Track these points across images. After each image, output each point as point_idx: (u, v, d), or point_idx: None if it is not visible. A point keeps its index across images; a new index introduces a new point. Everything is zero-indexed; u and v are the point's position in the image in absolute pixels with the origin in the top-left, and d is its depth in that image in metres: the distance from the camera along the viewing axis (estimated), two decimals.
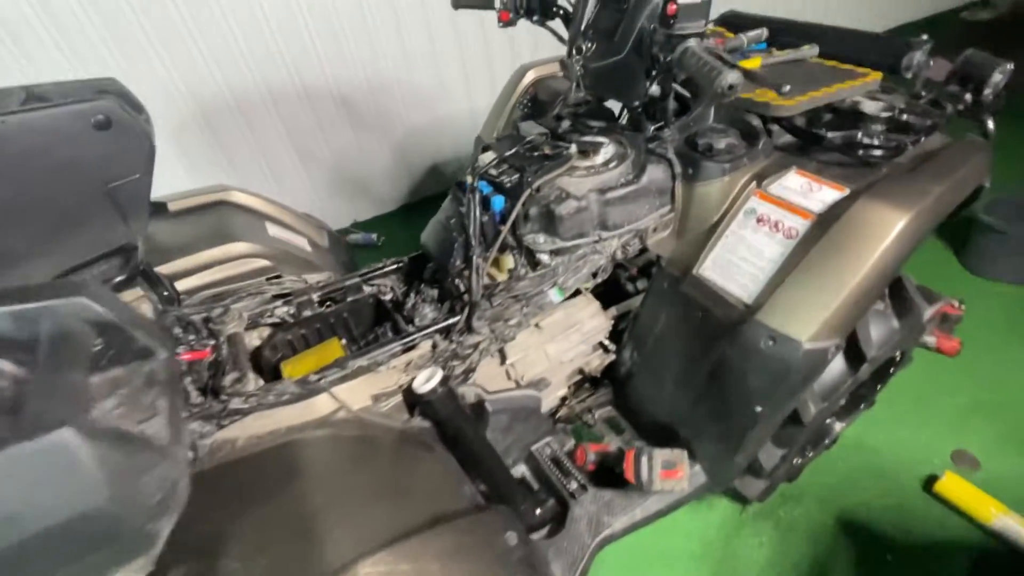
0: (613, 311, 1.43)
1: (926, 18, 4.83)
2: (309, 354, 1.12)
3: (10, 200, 0.92)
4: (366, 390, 0.97)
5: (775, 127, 1.16)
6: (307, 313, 1.18)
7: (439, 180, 3.08)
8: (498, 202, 1.08)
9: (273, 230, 1.38)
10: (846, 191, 0.98)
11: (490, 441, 1.25)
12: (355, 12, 2.42)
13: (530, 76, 1.64)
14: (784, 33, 1.40)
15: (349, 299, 1.23)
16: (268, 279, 1.20)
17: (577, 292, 1.37)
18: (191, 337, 1.07)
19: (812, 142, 1.08)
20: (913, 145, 1.05)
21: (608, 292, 1.50)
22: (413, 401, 1.03)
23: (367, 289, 1.26)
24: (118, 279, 1.08)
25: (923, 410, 1.78)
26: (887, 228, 0.89)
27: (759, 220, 1.04)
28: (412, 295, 1.22)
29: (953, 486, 1.51)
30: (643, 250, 1.23)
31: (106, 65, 2.06)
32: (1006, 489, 1.54)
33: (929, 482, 1.57)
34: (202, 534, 0.65)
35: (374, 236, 2.77)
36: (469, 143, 1.78)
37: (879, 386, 1.50)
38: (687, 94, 1.26)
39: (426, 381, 1.02)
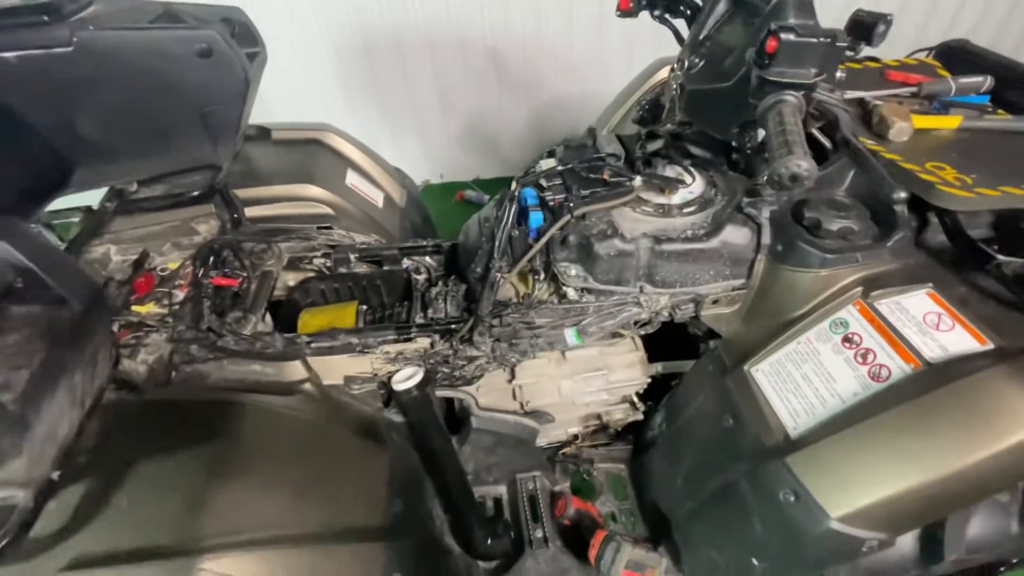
0: (658, 367, 1.24)
1: None
2: (327, 310, 1.15)
3: (120, 106, 1.04)
4: (342, 368, 0.96)
5: (934, 220, 0.84)
6: (342, 270, 1.21)
7: None
8: (536, 218, 0.96)
9: (352, 178, 1.42)
10: (989, 345, 0.68)
11: (472, 454, 1.20)
12: None
13: (664, 72, 1.42)
14: (1021, 88, 1.00)
15: (384, 267, 1.23)
16: (319, 227, 1.24)
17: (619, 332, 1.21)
18: (236, 263, 1.16)
19: (975, 259, 0.76)
20: None
21: (668, 341, 1.30)
22: (390, 394, 1.01)
23: (405, 263, 1.24)
24: (196, 193, 1.20)
25: None
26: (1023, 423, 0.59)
27: (846, 340, 0.78)
28: (439, 284, 1.18)
29: None
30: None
31: None
32: None
33: None
34: (119, 461, 0.70)
35: (486, 197, 2.76)
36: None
37: None
38: (826, 143, 0.97)
39: (406, 379, 0.99)
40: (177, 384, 0.86)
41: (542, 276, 0.99)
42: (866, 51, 0.90)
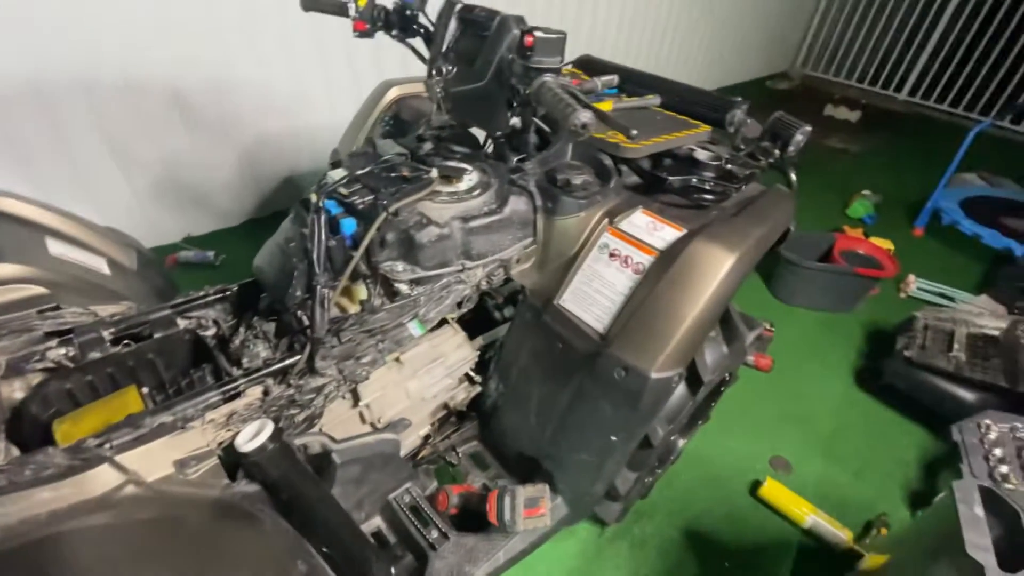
0: (480, 341, 1.38)
1: (737, 84, 5.78)
2: (95, 408, 0.88)
3: None
4: (169, 454, 0.78)
5: (624, 167, 1.23)
6: (95, 355, 0.94)
7: (293, 194, 2.81)
8: (349, 225, 0.97)
9: (56, 248, 1.10)
10: (683, 231, 1.06)
11: (341, 495, 1.11)
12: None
13: (393, 93, 1.56)
14: (632, 82, 1.52)
15: (156, 335, 1.01)
16: (40, 311, 0.93)
17: (442, 322, 1.31)
18: None
19: (655, 184, 1.16)
20: (736, 192, 1.18)
21: (475, 321, 1.46)
22: (236, 461, 0.86)
23: (182, 323, 1.05)
24: None
25: (745, 421, 2.02)
26: (719, 267, 0.97)
27: (611, 255, 1.08)
28: (241, 330, 1.05)
29: (773, 490, 1.72)
30: (508, 279, 1.20)
31: None
32: (814, 489, 1.79)
33: (754, 487, 1.77)
34: None
35: (211, 254, 2.41)
36: (328, 157, 1.64)
37: (713, 403, 1.66)
38: (547, 128, 1.28)
39: (252, 436, 0.86)
40: None
41: (372, 280, 1.01)
42: None
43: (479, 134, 1.36)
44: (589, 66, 1.66)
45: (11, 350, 0.87)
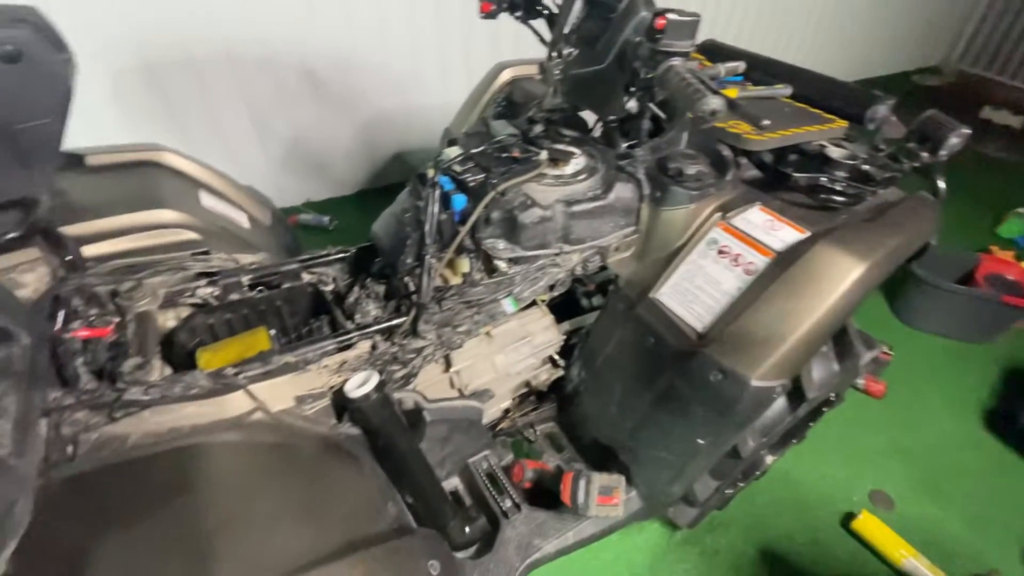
0: (566, 326, 1.39)
1: (880, 77, 5.15)
2: (231, 343, 1.01)
3: None
4: (290, 390, 0.88)
5: (743, 160, 1.16)
6: (234, 296, 1.07)
7: (402, 169, 2.97)
8: (459, 201, 1.01)
9: (207, 200, 1.26)
10: (806, 233, 0.98)
11: (425, 452, 1.19)
12: None
13: (506, 75, 1.58)
14: (760, 70, 1.41)
15: (285, 286, 1.13)
16: (193, 254, 1.08)
17: (532, 303, 1.33)
18: (92, 311, 0.94)
19: (778, 180, 1.08)
20: (872, 196, 1.07)
21: (562, 306, 1.47)
22: (343, 405, 0.95)
23: (306, 277, 1.16)
24: (11, 235, 0.93)
25: (846, 448, 1.85)
26: (844, 276, 0.89)
27: (720, 252, 1.03)
28: (356, 289, 1.14)
29: (869, 525, 1.57)
30: (603, 267, 1.19)
31: None
32: (916, 530, 1.61)
33: (847, 519, 1.63)
34: (67, 552, 0.55)
35: (326, 219, 2.63)
36: (438, 136, 1.71)
37: (811, 423, 1.54)
38: (662, 115, 1.24)
39: (360, 385, 0.94)
40: (89, 454, 0.69)
41: (475, 254, 1.05)
42: None
43: (588, 119, 1.35)
44: (713, 51, 1.57)
45: (168, 284, 1.02)
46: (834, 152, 1.10)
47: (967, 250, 2.55)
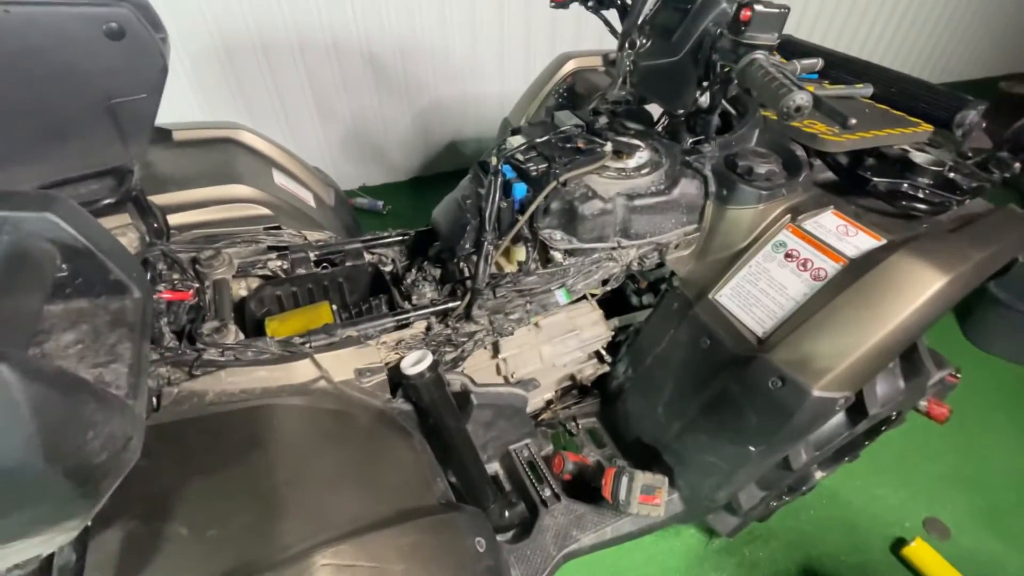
0: (615, 322, 1.38)
1: (960, 82, 4.79)
2: (297, 314, 1.06)
3: (9, 98, 0.84)
4: (351, 362, 0.91)
5: (817, 161, 1.11)
6: (301, 271, 1.12)
7: (455, 158, 3.00)
8: (520, 190, 1.02)
9: (279, 179, 1.32)
10: (883, 241, 0.93)
11: (472, 432, 1.21)
12: None
13: (570, 65, 1.57)
14: (839, 68, 1.35)
15: (348, 264, 1.17)
16: (266, 228, 1.14)
17: (582, 297, 1.32)
18: (175, 276, 1.01)
19: (855, 184, 1.03)
20: (957, 205, 1.01)
21: (611, 302, 1.46)
22: (398, 381, 0.98)
23: (367, 257, 1.20)
24: (107, 201, 1.01)
25: (903, 472, 1.76)
26: (923, 288, 0.84)
27: (788, 255, 0.99)
28: (413, 271, 1.17)
29: (922, 553, 1.49)
30: (659, 264, 1.17)
31: None
32: (972, 563, 1.52)
33: (897, 544, 1.56)
34: (151, 493, 0.60)
35: (380, 204, 2.70)
36: (494, 126, 1.71)
37: (867, 442, 1.47)
38: (732, 111, 1.20)
39: (415, 363, 0.97)
40: (170, 407, 0.74)
41: (531, 243, 1.06)
42: None
43: (654, 112, 1.32)
44: (788, 48, 1.51)
45: (241, 255, 1.08)
46: (918, 157, 1.04)
47: None
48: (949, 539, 1.60)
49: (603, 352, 1.36)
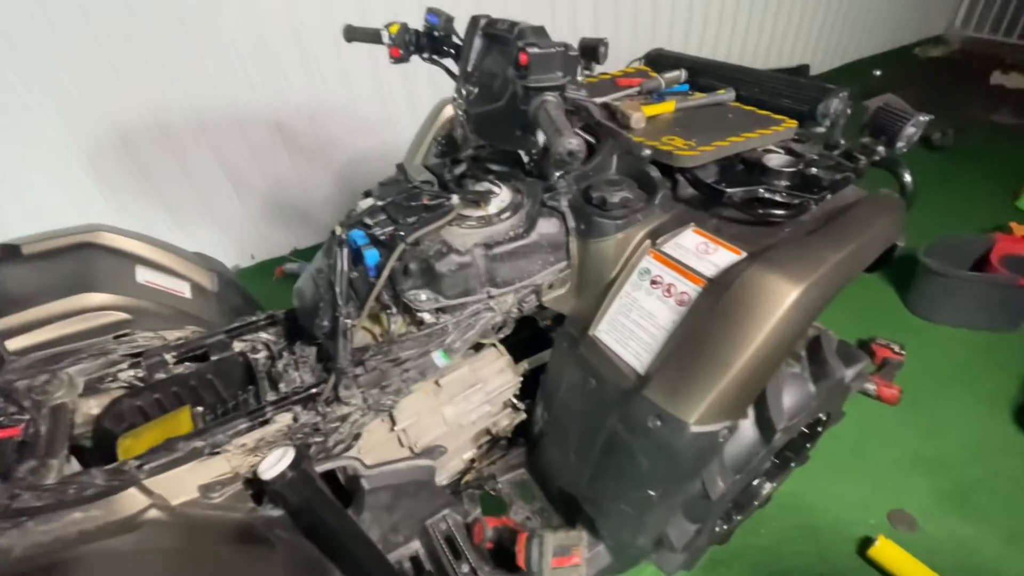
0: (524, 365, 1.32)
1: (881, 53, 4.94)
2: (152, 427, 0.98)
3: None
4: (193, 479, 0.83)
5: (680, 178, 1.08)
6: (160, 376, 1.05)
7: None
8: (372, 256, 0.97)
9: (144, 275, 1.25)
10: (742, 254, 0.89)
11: (373, 519, 1.12)
12: (289, 37, 2.32)
13: (449, 111, 1.55)
14: (706, 75, 1.34)
15: (213, 357, 1.10)
16: (116, 337, 1.06)
17: (480, 346, 1.26)
18: (12, 409, 0.93)
19: (714, 197, 1.00)
20: (817, 203, 0.98)
21: (532, 339, 1.39)
22: (260, 487, 0.90)
23: (238, 346, 1.13)
24: None
25: (861, 464, 1.70)
26: (777, 302, 0.80)
27: (653, 282, 0.95)
28: (285, 355, 1.10)
29: (887, 552, 1.42)
30: (540, 305, 1.12)
31: None
32: (944, 553, 1.46)
33: (864, 545, 1.48)
34: None
35: None
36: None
37: (808, 445, 1.41)
38: (590, 139, 1.17)
39: (275, 463, 0.89)
40: None
41: (394, 310, 1.00)
42: (599, 69, 1.14)
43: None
44: (659, 61, 1.50)
45: (89, 371, 1.00)
46: (773, 160, 1.01)
47: (978, 234, 2.36)
48: (916, 531, 1.53)
49: (515, 400, 1.29)
